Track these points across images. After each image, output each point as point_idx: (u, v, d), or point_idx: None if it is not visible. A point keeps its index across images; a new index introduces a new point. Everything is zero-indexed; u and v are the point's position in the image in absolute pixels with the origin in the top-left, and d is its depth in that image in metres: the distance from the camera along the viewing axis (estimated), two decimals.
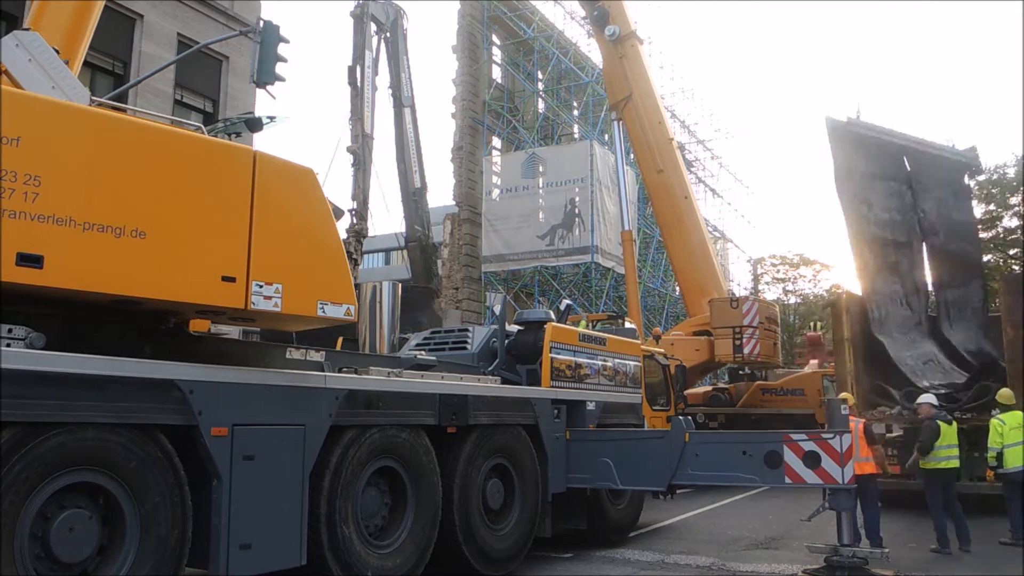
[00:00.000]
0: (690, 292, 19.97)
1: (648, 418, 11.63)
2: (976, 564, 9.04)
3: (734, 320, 17.85)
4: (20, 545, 4.24)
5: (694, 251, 19.88)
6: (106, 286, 4.54)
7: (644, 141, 20.13)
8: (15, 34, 5.55)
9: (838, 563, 7.44)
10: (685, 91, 35.74)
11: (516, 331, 9.27)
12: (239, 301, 5.03)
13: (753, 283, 46.13)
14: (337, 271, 5.68)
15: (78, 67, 7.11)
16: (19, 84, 5.32)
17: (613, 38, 20.31)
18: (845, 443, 7.33)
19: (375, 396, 6.50)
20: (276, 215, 5.31)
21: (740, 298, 19.52)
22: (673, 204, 20.00)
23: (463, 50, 28.41)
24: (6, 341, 4.39)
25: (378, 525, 6.63)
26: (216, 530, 5.13)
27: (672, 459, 8.06)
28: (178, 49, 15.71)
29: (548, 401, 8.72)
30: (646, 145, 20.09)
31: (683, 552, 9.29)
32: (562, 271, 27.31)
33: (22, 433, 4.25)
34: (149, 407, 4.83)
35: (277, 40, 9.45)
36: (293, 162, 5.61)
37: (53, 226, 4.31)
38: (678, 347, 17.02)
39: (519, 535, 8.09)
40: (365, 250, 18.33)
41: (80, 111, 4.88)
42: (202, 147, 5.19)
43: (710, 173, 40.00)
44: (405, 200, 20.14)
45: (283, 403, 5.68)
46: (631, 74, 20.43)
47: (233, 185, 5.14)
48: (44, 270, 4.26)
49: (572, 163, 27.16)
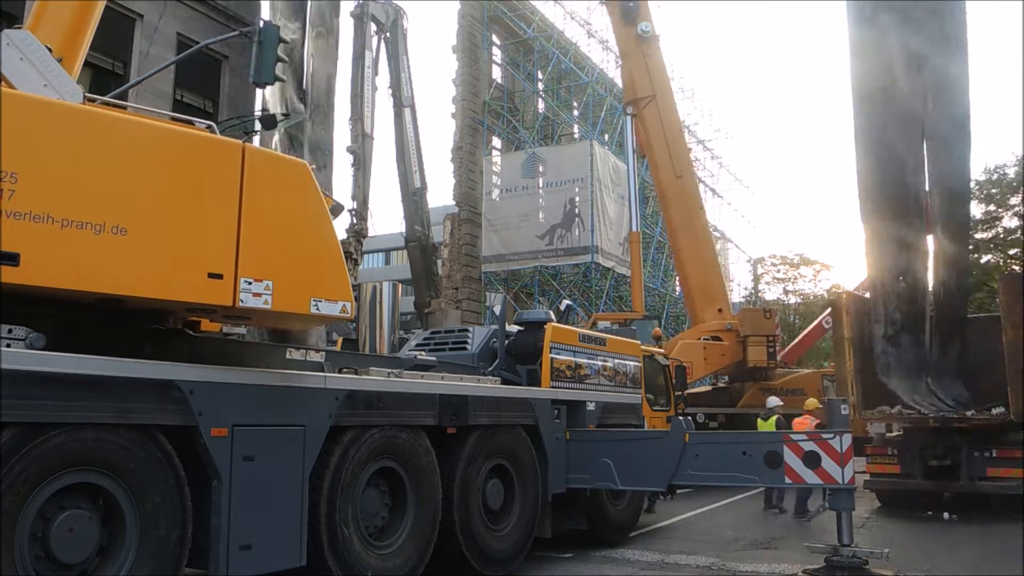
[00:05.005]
0: (699, 299, 20.28)
1: (648, 418, 11.63)
2: (976, 564, 9.05)
3: (767, 329, 19.45)
4: (20, 545, 4.23)
5: (706, 260, 20.40)
6: (87, 284, 4.47)
7: (663, 145, 20.11)
8: (6, 33, 5.51)
9: (838, 563, 7.43)
10: (685, 91, 35.77)
11: (516, 331, 9.27)
12: (227, 299, 4.93)
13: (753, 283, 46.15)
14: (332, 267, 5.55)
15: (79, 67, 7.10)
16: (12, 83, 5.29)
17: (647, 35, 20.28)
18: (845, 443, 7.33)
19: (375, 397, 6.49)
20: (266, 210, 5.20)
21: (771, 309, 21.08)
22: (687, 211, 20.19)
23: (463, 50, 28.39)
24: (6, 341, 4.38)
25: (378, 525, 6.62)
26: (216, 530, 5.12)
27: (672, 459, 8.05)
28: (178, 49, 15.70)
29: (548, 401, 8.72)
30: (665, 149, 20.09)
31: (683, 552, 9.29)
32: (562, 271, 27.30)
33: (22, 433, 4.25)
34: (149, 408, 4.82)
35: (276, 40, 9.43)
36: (285, 156, 5.55)
37: (30, 223, 4.23)
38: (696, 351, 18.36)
39: (519, 535, 8.09)
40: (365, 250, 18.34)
41: (58, 106, 4.79)
42: (188, 142, 5.10)
43: (710, 173, 40.07)
44: (405, 200, 20.16)
45: (283, 404, 5.67)
46: (655, 76, 20.41)
47: (220, 180, 5.04)
48: (21, 268, 4.18)
49: (572, 163, 27.14)
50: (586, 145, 27.51)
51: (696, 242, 20.19)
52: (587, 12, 31.29)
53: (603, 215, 26.92)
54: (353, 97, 17.13)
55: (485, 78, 29.41)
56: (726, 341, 19.30)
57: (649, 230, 29.86)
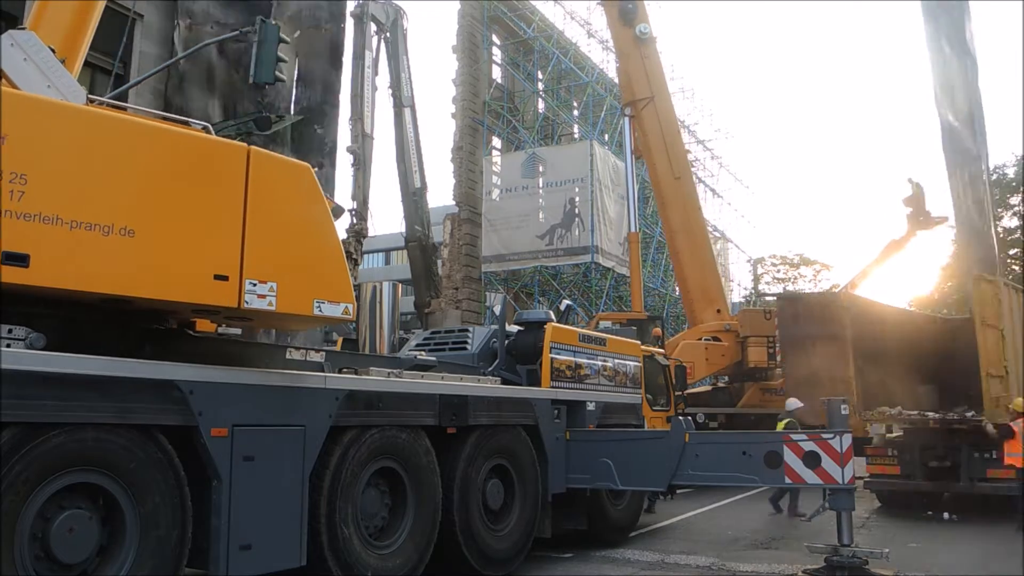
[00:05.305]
0: (697, 300, 20.32)
1: (648, 418, 11.63)
2: (976, 564, 9.05)
3: (767, 330, 19.22)
4: (20, 546, 4.23)
5: (704, 261, 20.44)
6: (94, 285, 4.49)
7: (661, 146, 20.13)
8: (10, 33, 5.52)
9: (838, 563, 7.43)
10: (685, 91, 35.72)
11: (516, 331, 9.27)
12: (232, 300, 4.96)
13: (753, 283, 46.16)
14: (334, 269, 5.59)
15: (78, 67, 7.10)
16: (15, 84, 5.29)
17: (645, 36, 20.31)
18: (845, 443, 7.33)
19: (375, 397, 6.49)
20: (271, 213, 5.24)
21: (771, 311, 20.91)
22: (686, 213, 20.22)
23: (463, 50, 28.40)
24: (6, 341, 4.38)
25: (378, 526, 6.62)
26: (216, 531, 5.12)
27: (672, 459, 8.05)
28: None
29: (548, 401, 8.72)
30: (663, 151, 20.11)
31: (683, 552, 9.29)
32: (562, 271, 27.30)
33: (22, 434, 4.25)
34: (149, 408, 4.82)
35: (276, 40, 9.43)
36: (289, 159, 5.57)
37: (40, 224, 4.25)
38: (698, 351, 18.44)
39: (519, 535, 8.09)
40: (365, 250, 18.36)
41: (66, 108, 4.81)
42: (194, 144, 5.13)
43: (710, 173, 40.01)
44: (405, 200, 20.18)
45: (283, 404, 5.67)
46: (653, 78, 20.41)
47: (226, 182, 5.07)
48: (30, 269, 4.20)
49: (572, 163, 27.14)
50: (586, 145, 27.51)
51: (695, 243, 20.23)
52: (587, 12, 31.33)
53: (603, 215, 26.92)
54: (353, 97, 17.16)
55: (485, 78, 29.41)
56: (725, 342, 19.37)
57: (649, 230, 29.86)
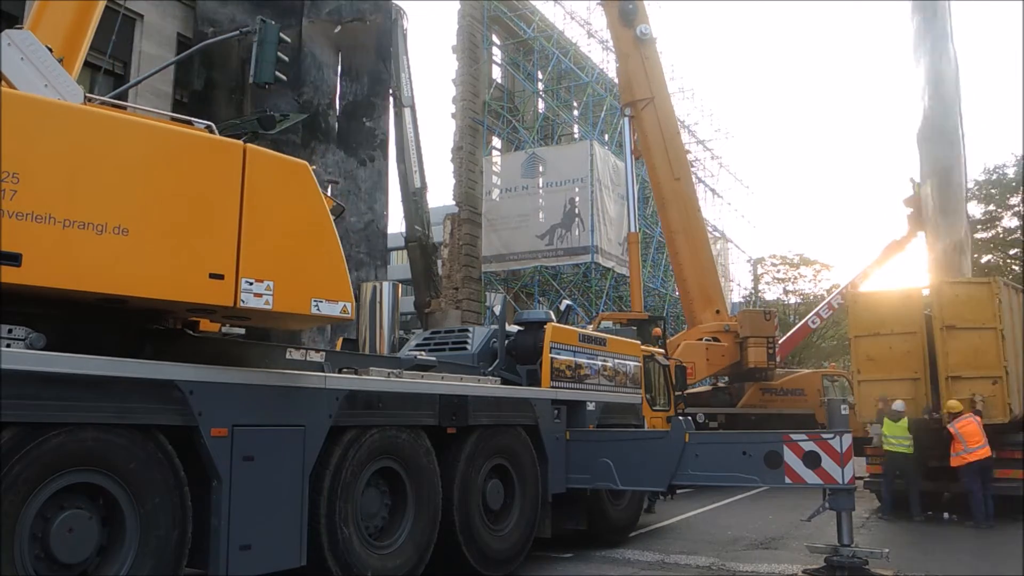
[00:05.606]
0: (696, 300, 20.36)
1: (648, 418, 11.63)
2: (976, 564, 9.05)
3: (767, 331, 19.56)
4: (20, 546, 4.23)
5: (704, 261, 20.51)
6: (88, 284, 4.47)
7: (661, 147, 20.14)
8: (7, 33, 5.51)
9: (838, 563, 7.44)
10: (685, 91, 35.76)
11: (516, 331, 9.26)
12: (228, 299, 4.93)
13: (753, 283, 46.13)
14: (332, 268, 5.55)
15: (78, 67, 7.10)
16: (12, 84, 5.29)
17: (645, 37, 20.31)
18: (845, 443, 7.33)
19: (375, 397, 6.49)
20: (268, 211, 5.21)
21: (771, 311, 21.28)
22: (686, 214, 20.26)
23: (463, 50, 28.40)
24: (6, 341, 4.38)
25: (378, 526, 6.62)
26: (216, 531, 5.12)
27: (672, 459, 8.05)
28: (178, 49, 15.67)
29: (548, 401, 8.72)
30: (663, 151, 20.12)
31: (683, 552, 9.29)
32: (562, 271, 27.30)
33: (22, 434, 4.24)
34: (149, 408, 4.81)
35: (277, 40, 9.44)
36: (287, 157, 5.53)
37: (32, 223, 4.22)
38: (699, 351, 18.58)
39: (519, 536, 8.09)
40: None
41: (58, 106, 4.78)
42: (189, 142, 5.10)
43: (710, 173, 40.02)
44: (405, 200, 20.19)
45: (283, 404, 5.67)
46: (653, 78, 20.42)
47: (222, 180, 5.04)
48: (23, 268, 4.17)
49: (572, 163, 27.15)
50: (586, 145, 27.52)
51: (694, 244, 20.28)
52: (587, 12, 31.33)
53: (603, 215, 26.93)
54: None
55: (485, 78, 29.41)
56: (724, 342, 19.39)
57: (649, 230, 29.87)
